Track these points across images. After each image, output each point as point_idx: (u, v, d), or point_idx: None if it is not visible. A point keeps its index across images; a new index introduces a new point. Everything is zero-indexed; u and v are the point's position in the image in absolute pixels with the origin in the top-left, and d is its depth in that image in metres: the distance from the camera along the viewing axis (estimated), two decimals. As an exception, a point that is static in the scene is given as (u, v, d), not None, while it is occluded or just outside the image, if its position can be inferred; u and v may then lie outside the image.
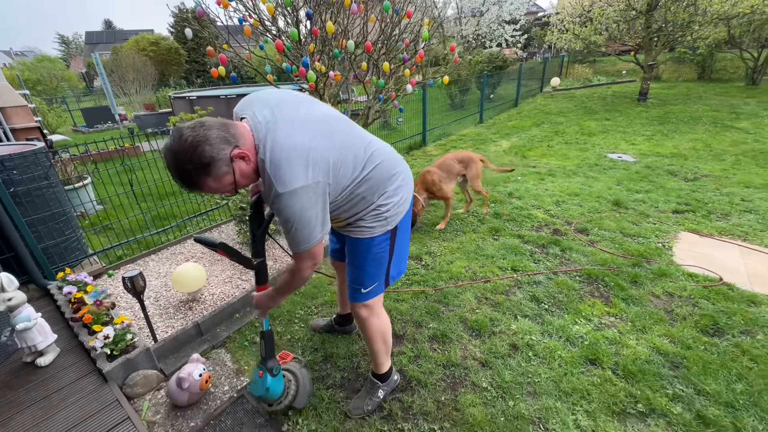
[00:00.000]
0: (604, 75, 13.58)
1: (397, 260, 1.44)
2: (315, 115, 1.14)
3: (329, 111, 1.22)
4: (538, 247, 2.84)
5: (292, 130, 1.05)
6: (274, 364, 1.45)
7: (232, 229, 3.27)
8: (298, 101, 1.16)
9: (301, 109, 1.13)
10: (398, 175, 1.31)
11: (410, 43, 2.77)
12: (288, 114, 1.09)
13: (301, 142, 1.04)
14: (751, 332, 1.90)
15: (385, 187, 1.27)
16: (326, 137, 1.10)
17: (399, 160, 1.35)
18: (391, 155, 1.32)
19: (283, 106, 1.12)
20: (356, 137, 1.22)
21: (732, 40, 9.45)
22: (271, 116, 1.07)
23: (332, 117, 1.19)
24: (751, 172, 4.20)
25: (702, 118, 6.97)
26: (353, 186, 1.20)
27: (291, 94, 1.19)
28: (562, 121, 7.73)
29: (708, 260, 2.56)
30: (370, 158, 1.22)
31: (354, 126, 1.27)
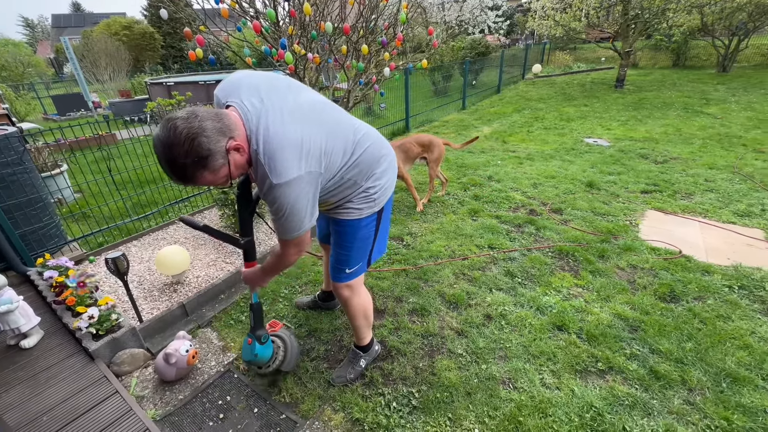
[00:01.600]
0: (584, 62, 13.80)
1: (380, 240, 1.50)
2: (303, 102, 1.14)
3: (316, 97, 1.22)
4: (515, 227, 2.96)
5: (283, 120, 1.05)
6: (263, 333, 1.52)
7: (215, 213, 3.28)
8: (285, 87, 1.16)
9: (289, 96, 1.12)
10: (385, 157, 1.34)
11: (389, 27, 2.79)
12: (278, 102, 1.08)
13: (293, 132, 1.04)
14: (703, 298, 2.06)
15: (374, 169, 1.30)
16: (316, 125, 1.11)
17: (384, 142, 1.38)
18: (378, 138, 1.35)
19: (272, 93, 1.10)
20: (344, 123, 1.23)
21: (705, 27, 9.74)
22: (261, 104, 1.06)
23: (320, 103, 1.20)
24: (716, 155, 4.42)
25: (674, 104, 7.22)
26: (343, 171, 1.22)
27: (278, 79, 1.18)
28: (542, 107, 7.88)
29: (670, 236, 2.73)
30: (358, 142, 1.24)
31: (341, 111, 1.28)
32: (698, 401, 1.49)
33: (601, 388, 1.56)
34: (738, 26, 9.28)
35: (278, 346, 1.61)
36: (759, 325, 1.85)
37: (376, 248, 1.50)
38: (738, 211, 3.05)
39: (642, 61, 12.90)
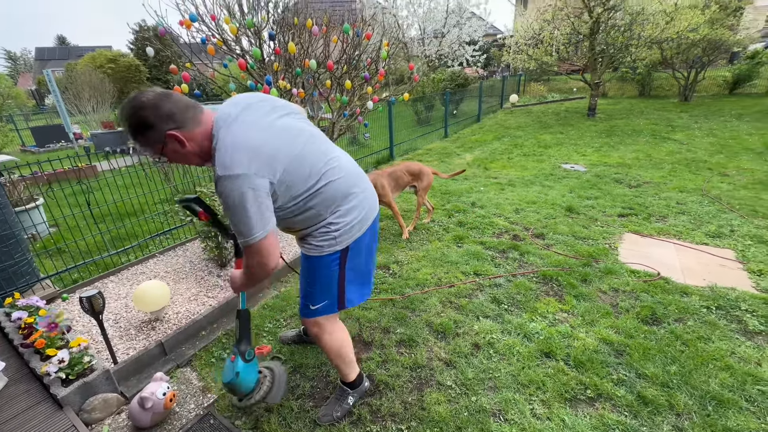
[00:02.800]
0: (557, 92, 14.57)
1: (353, 283, 1.41)
2: (279, 123, 1.20)
3: (297, 124, 1.26)
4: (499, 253, 3.00)
5: (248, 128, 1.14)
6: (248, 348, 1.37)
7: (198, 246, 3.22)
8: (269, 108, 1.23)
9: (269, 115, 1.20)
10: (356, 195, 1.31)
11: (372, 63, 2.92)
12: (252, 117, 1.17)
13: (252, 137, 1.12)
14: (683, 319, 2.11)
15: (338, 204, 1.28)
16: (283, 143, 1.16)
17: (362, 179, 1.35)
18: (353, 173, 1.32)
19: (252, 108, 1.19)
20: (318, 150, 1.25)
21: (665, 61, 10.50)
22: (235, 114, 1.16)
23: (296, 128, 1.24)
24: (685, 179, 4.65)
25: (643, 131, 7.64)
26: (306, 197, 1.22)
27: (266, 100, 1.25)
28: (520, 134, 8.20)
29: (648, 258, 2.82)
30: (326, 173, 1.24)
31: (321, 140, 1.30)
32: (686, 426, 1.49)
33: (591, 417, 1.55)
34: (694, 60, 10.05)
35: (264, 375, 1.49)
36: (738, 346, 1.89)
37: (351, 291, 1.42)
38: (709, 232, 3.19)
39: (611, 91, 13.71)
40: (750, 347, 1.88)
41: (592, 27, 8.39)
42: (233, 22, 2.13)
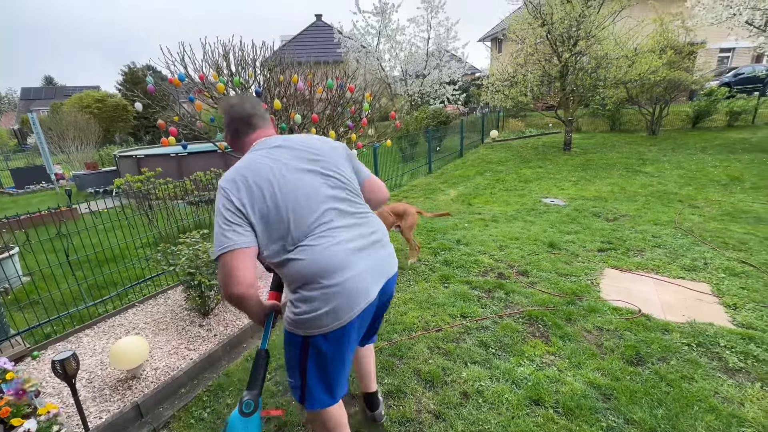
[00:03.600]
0: (534, 127, 15.30)
1: (315, 380, 1.24)
2: (293, 176, 1.18)
3: (311, 184, 1.20)
4: (485, 292, 3.02)
5: (261, 161, 1.20)
6: (250, 399, 1.15)
7: (180, 294, 3.14)
8: (301, 158, 1.22)
9: (292, 164, 1.20)
10: (322, 287, 1.13)
11: (356, 111, 3.06)
12: (277, 154, 1.22)
13: (256, 164, 1.19)
14: (666, 359, 2.14)
15: (298, 287, 1.16)
16: (278, 191, 1.14)
17: (343, 270, 1.15)
18: (330, 261, 1.14)
19: (284, 149, 1.24)
20: (304, 222, 1.15)
21: (631, 98, 11.25)
22: (270, 144, 1.26)
23: (304, 188, 1.18)
24: (659, 211, 4.86)
25: (616, 164, 8.03)
26: (275, 259, 1.17)
27: (308, 153, 1.25)
28: (501, 169, 8.50)
29: (629, 294, 2.88)
30: (294, 249, 1.14)
31: (317, 211, 1.18)
32: (677, 476, 1.48)
33: (583, 470, 1.52)
34: (657, 97, 10.80)
35: None
36: (720, 385, 1.92)
37: (316, 389, 1.24)
38: (685, 265, 3.30)
39: (584, 126, 14.47)
40: (732, 386, 1.91)
41: (561, 70, 9.01)
42: (221, 79, 2.24)
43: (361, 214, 1.29)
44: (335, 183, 1.26)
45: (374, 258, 1.24)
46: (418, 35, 14.00)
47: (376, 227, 1.32)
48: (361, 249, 1.21)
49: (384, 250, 1.31)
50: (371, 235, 1.27)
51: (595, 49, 8.68)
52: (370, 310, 1.24)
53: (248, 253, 1.11)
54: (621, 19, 8.98)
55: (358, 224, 1.25)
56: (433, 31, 13.78)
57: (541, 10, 8.63)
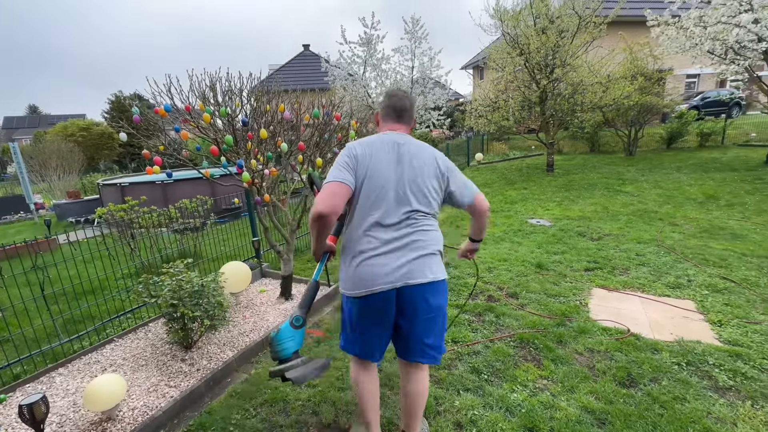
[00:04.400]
0: (518, 150, 15.75)
1: (346, 331, 1.61)
2: (402, 166, 1.51)
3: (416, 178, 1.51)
4: (476, 316, 3.00)
5: (380, 143, 1.53)
6: (298, 315, 1.51)
7: (161, 328, 3.02)
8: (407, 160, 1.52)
9: (398, 165, 1.51)
10: (361, 257, 1.44)
11: (342, 138, 3.10)
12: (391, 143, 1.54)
13: (372, 144, 1.54)
14: (658, 379, 2.13)
15: (347, 253, 1.51)
16: (388, 172, 1.49)
17: (388, 253, 1.43)
18: (377, 243, 1.43)
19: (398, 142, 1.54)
20: (402, 207, 1.47)
21: (607, 122, 11.74)
22: (392, 136, 1.56)
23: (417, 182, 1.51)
24: (641, 230, 4.98)
25: (597, 184, 8.27)
26: (350, 218, 1.53)
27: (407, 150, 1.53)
28: (488, 191, 8.64)
29: (617, 313, 2.90)
30: (371, 224, 1.46)
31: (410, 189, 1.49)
32: (677, 504, 1.44)
33: (581, 502, 1.47)
34: (632, 120, 11.31)
35: (299, 355, 1.51)
36: (712, 404, 1.91)
37: (342, 336, 1.65)
38: (669, 283, 3.36)
39: (565, 148, 14.96)
40: (723, 405, 1.91)
41: (540, 95, 9.40)
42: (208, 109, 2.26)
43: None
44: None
45: (403, 256, 1.46)
46: (402, 64, 14.49)
47: (421, 235, 1.52)
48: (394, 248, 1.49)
49: (417, 259, 1.48)
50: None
51: (571, 76, 9.12)
52: (385, 302, 1.46)
53: (345, 189, 1.43)
54: (593, 49, 9.51)
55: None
56: (417, 59, 14.30)
57: (519, 40, 9.09)
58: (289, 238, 3.26)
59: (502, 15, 9.22)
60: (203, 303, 2.56)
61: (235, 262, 3.43)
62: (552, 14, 8.81)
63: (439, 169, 1.57)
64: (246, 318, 3.21)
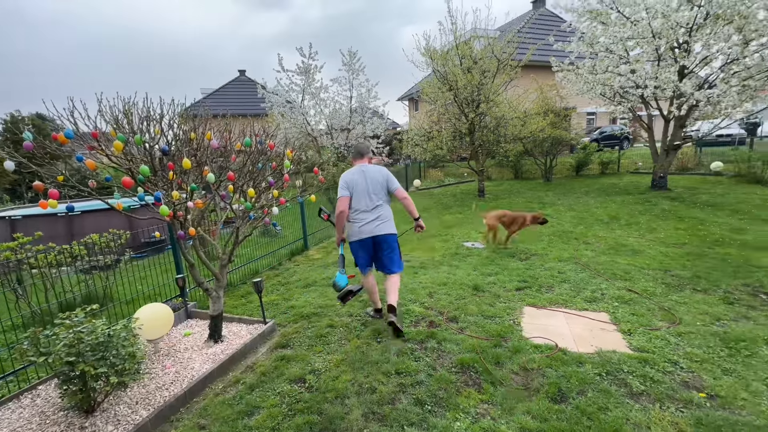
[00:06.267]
0: (452, 176, 16.76)
1: (358, 260, 3.32)
2: (363, 180, 3.16)
3: (369, 189, 3.17)
4: (418, 344, 2.99)
5: (358, 170, 3.22)
6: (342, 268, 3.18)
7: (54, 391, 2.52)
8: (368, 178, 3.18)
9: (365, 177, 3.18)
10: (354, 223, 3.17)
11: (277, 167, 3.00)
12: (364, 169, 3.23)
13: (352, 176, 3.20)
14: (584, 391, 2.28)
15: (352, 223, 3.19)
16: (360, 185, 3.15)
17: (369, 219, 3.13)
18: (364, 217, 3.14)
19: (364, 171, 3.21)
20: (371, 200, 3.16)
21: (527, 151, 13.10)
22: (360, 169, 3.23)
23: (365, 186, 3.16)
24: (561, 249, 5.49)
25: (523, 208, 9.04)
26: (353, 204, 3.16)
27: (368, 172, 3.21)
28: (425, 216, 8.96)
29: (546, 330, 3.10)
30: (355, 209, 3.17)
31: (370, 197, 3.17)
32: None
33: None
34: (547, 150, 12.76)
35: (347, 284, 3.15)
36: (629, 411, 2.09)
37: (356, 262, 3.34)
38: (587, 297, 3.70)
39: (494, 175, 16.28)
40: (638, 410, 2.09)
41: (469, 127, 10.21)
42: (120, 137, 2.02)
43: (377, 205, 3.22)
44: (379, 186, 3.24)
45: (372, 222, 3.13)
46: (341, 93, 14.82)
47: (381, 213, 3.20)
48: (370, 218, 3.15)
49: (380, 223, 3.16)
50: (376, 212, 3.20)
51: (494, 111, 10.09)
52: (366, 242, 3.18)
53: (347, 198, 3.11)
54: (512, 88, 10.68)
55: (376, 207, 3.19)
56: (355, 90, 14.75)
57: (448, 77, 9.87)
58: (219, 273, 3.00)
59: (432, 54, 9.98)
60: (110, 356, 2.20)
61: (154, 304, 3.05)
62: (475, 56, 9.77)
63: (384, 178, 3.22)
64: (167, 368, 2.83)
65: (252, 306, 4.05)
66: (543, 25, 21.30)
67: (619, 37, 8.38)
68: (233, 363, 2.87)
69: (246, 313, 3.85)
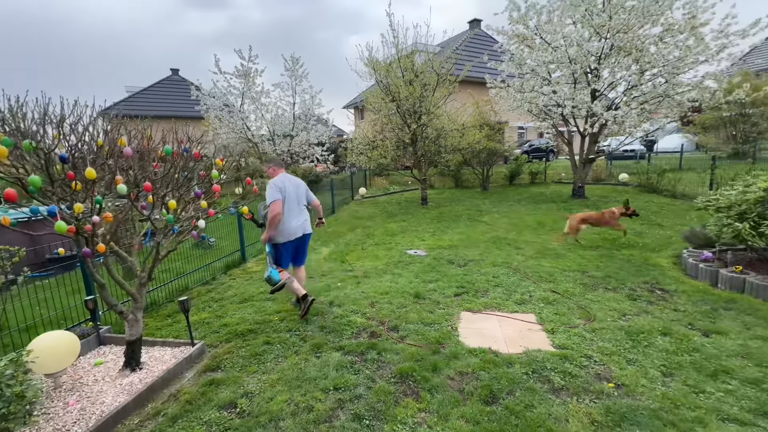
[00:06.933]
0: (397, 185, 17.10)
1: (280, 261, 3.75)
2: (294, 189, 3.74)
3: (298, 193, 3.78)
4: (358, 356, 2.95)
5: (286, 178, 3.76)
6: (274, 267, 3.64)
7: None
8: (294, 185, 3.78)
9: (293, 188, 3.74)
10: (283, 224, 3.60)
11: (206, 176, 2.81)
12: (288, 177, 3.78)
13: (284, 179, 3.70)
14: (513, 391, 2.42)
15: (283, 225, 3.60)
16: (292, 191, 3.69)
17: (297, 222, 3.71)
18: (293, 219, 3.68)
19: (288, 178, 3.76)
20: (295, 206, 3.74)
21: (466, 161, 13.85)
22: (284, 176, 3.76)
23: (297, 193, 3.78)
24: (495, 254, 5.83)
25: (462, 215, 9.50)
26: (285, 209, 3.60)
27: (292, 181, 3.79)
28: (371, 224, 9.01)
29: (481, 334, 3.25)
30: (287, 213, 3.62)
31: (299, 202, 3.79)
32: None
33: None
34: (484, 161, 13.61)
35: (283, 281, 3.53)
36: (551, 406, 2.26)
37: (281, 263, 3.77)
38: (517, 300, 3.96)
39: (436, 184, 16.93)
40: (558, 405, 2.27)
41: (412, 137, 10.53)
42: (5, 141, 1.72)
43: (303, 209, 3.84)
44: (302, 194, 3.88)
45: (301, 223, 3.77)
46: (283, 99, 14.47)
47: (306, 215, 3.83)
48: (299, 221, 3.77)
49: (306, 223, 3.80)
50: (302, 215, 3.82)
51: (435, 122, 10.53)
52: (295, 242, 3.76)
53: (281, 202, 3.52)
54: (451, 101, 11.25)
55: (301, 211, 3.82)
56: (299, 96, 14.50)
57: (390, 88, 10.11)
58: (137, 293, 2.70)
59: (375, 65, 10.17)
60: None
61: (54, 333, 2.65)
62: (417, 69, 10.15)
63: (304, 188, 3.87)
64: (70, 405, 2.47)
65: (179, 326, 3.71)
66: (478, 44, 22.84)
67: (542, 60, 9.27)
68: (153, 393, 2.59)
69: (172, 335, 3.51)
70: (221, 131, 13.63)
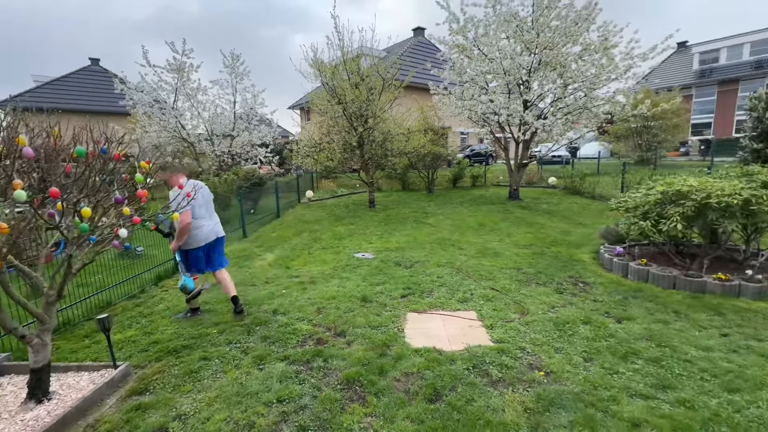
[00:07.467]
0: (345, 188, 17.01)
1: (197, 266, 3.77)
2: (201, 193, 3.67)
3: (206, 196, 3.85)
4: (303, 365, 2.88)
5: (195, 188, 3.46)
6: (188, 275, 3.65)
7: None
8: (203, 191, 3.75)
9: (202, 194, 3.73)
10: (195, 228, 3.64)
11: (129, 180, 2.55)
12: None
13: (194, 185, 3.56)
14: (455, 387, 2.52)
15: (195, 231, 3.63)
16: (200, 197, 3.66)
17: (211, 225, 3.78)
18: (206, 223, 3.74)
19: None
20: (207, 210, 3.82)
21: (412, 165, 14.22)
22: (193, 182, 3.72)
23: (207, 198, 3.84)
24: (440, 255, 6.05)
25: (409, 218, 9.72)
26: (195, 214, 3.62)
27: (202, 190, 3.74)
28: (318, 228, 8.85)
29: (426, 333, 3.34)
30: (197, 218, 3.64)
31: (207, 202, 3.83)
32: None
33: None
34: (429, 164, 14.07)
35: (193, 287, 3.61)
36: (489, 398, 2.39)
37: (195, 270, 3.78)
38: (459, 298, 4.14)
39: (383, 186, 17.13)
40: (496, 396, 2.41)
41: (358, 140, 10.54)
42: None
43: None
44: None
45: (213, 227, 3.80)
46: (223, 97, 13.64)
47: (216, 218, 3.91)
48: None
49: (217, 225, 3.86)
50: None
51: (381, 126, 10.66)
52: (206, 246, 3.74)
53: (189, 211, 3.40)
54: (396, 106, 11.47)
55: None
56: (240, 95, 13.78)
57: (336, 90, 10.04)
58: (43, 313, 2.36)
59: (320, 66, 10.03)
60: None
61: (-69, 367, 2.21)
62: (362, 73, 10.19)
63: (209, 194, 3.88)
64: None
65: (99, 347, 3.32)
66: (422, 51, 23.62)
67: (480, 70, 9.85)
68: (66, 426, 2.28)
69: (90, 358, 3.13)
70: (151, 129, 12.46)
